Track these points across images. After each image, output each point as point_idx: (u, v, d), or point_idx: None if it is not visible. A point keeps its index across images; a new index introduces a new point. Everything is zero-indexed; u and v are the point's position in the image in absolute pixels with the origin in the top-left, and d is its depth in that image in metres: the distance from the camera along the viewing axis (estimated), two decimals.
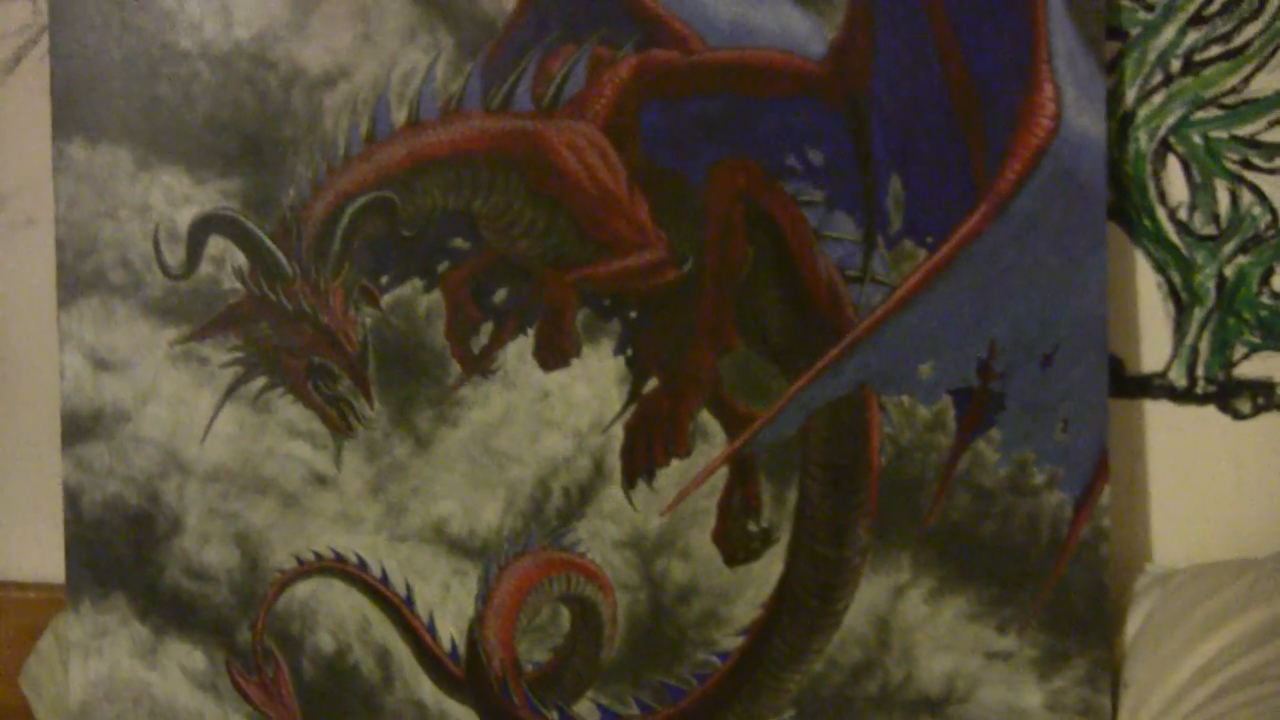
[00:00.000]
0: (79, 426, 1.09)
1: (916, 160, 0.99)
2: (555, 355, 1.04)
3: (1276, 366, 1.04)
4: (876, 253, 1.00)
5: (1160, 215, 1.04)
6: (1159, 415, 1.06)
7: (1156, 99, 1.03)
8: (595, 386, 1.04)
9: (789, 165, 1.00)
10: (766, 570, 1.03)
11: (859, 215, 1.00)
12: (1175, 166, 1.04)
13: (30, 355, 1.18)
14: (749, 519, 1.03)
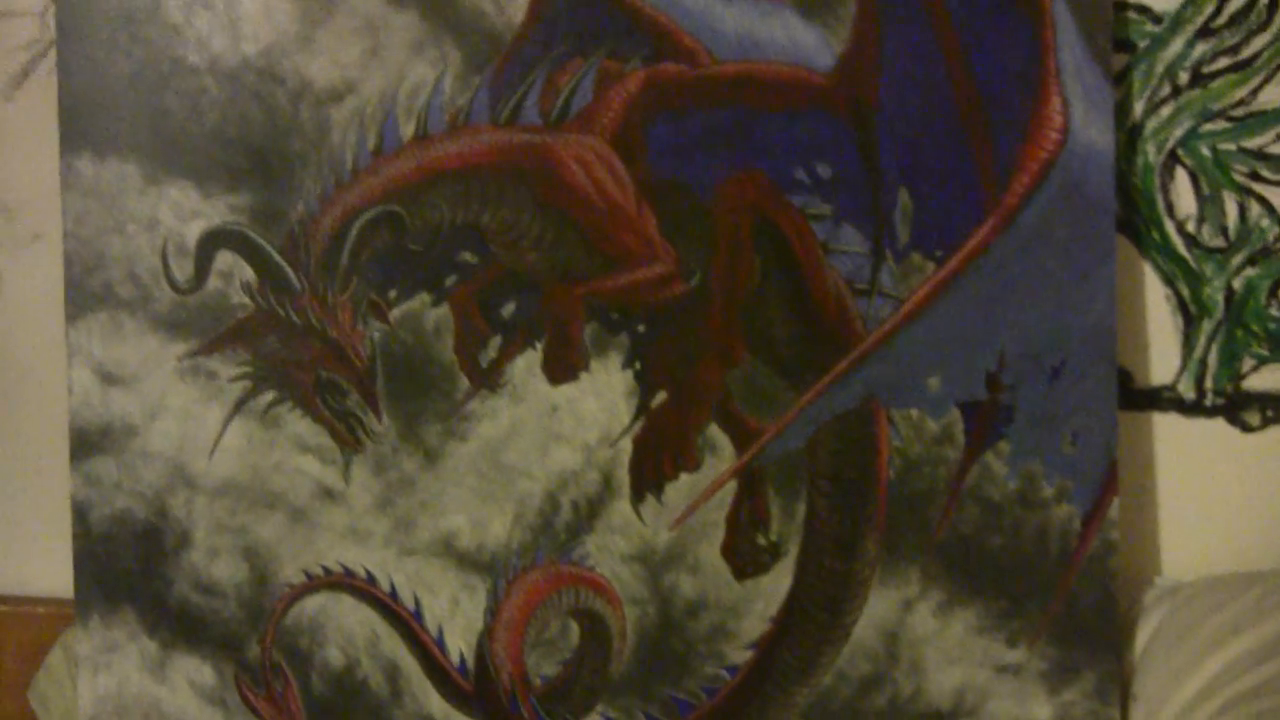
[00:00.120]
0: (87, 441, 1.09)
1: (924, 173, 0.99)
2: (563, 369, 1.04)
3: None
4: (884, 266, 1.00)
5: (1169, 227, 1.04)
6: (1167, 428, 1.06)
7: (1165, 111, 1.03)
8: (603, 400, 1.03)
9: (797, 178, 1.00)
10: (775, 584, 1.03)
11: (867, 228, 1.00)
12: (1183, 179, 1.03)
13: (38, 370, 1.18)
14: (757, 533, 1.03)
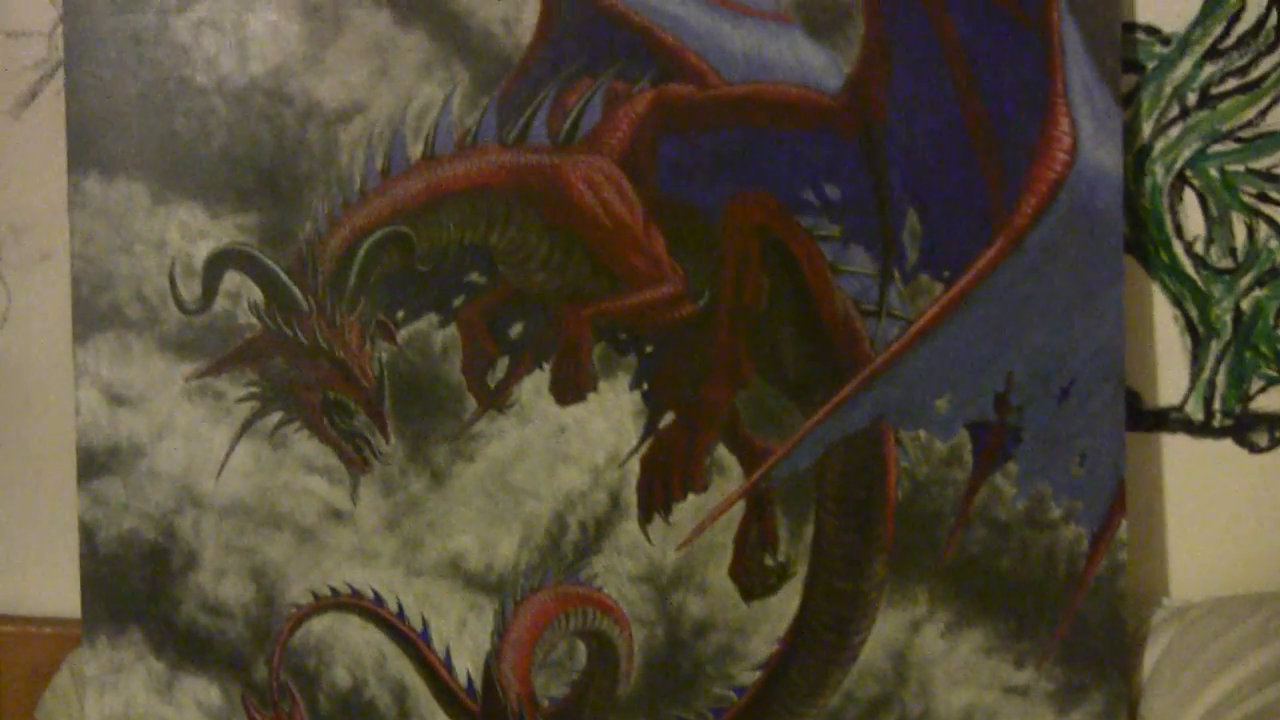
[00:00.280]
0: (94, 461, 1.09)
1: (933, 194, 0.99)
2: (571, 390, 1.04)
3: None
4: (893, 287, 1.00)
5: (1177, 248, 1.04)
6: (1176, 449, 1.06)
7: (1173, 132, 1.03)
8: (611, 421, 1.03)
9: (805, 199, 1.00)
10: (783, 605, 1.03)
11: (875, 249, 1.00)
12: (1192, 199, 1.04)
13: (46, 390, 1.17)
14: (765, 553, 1.03)
